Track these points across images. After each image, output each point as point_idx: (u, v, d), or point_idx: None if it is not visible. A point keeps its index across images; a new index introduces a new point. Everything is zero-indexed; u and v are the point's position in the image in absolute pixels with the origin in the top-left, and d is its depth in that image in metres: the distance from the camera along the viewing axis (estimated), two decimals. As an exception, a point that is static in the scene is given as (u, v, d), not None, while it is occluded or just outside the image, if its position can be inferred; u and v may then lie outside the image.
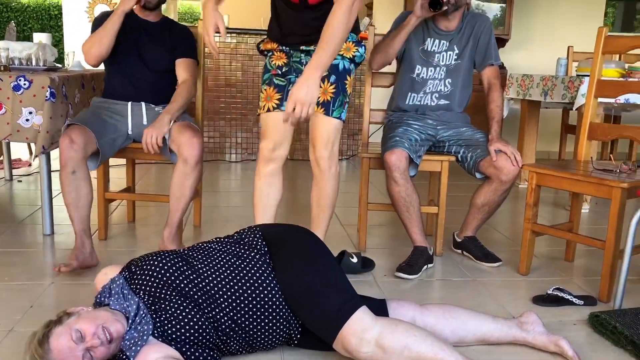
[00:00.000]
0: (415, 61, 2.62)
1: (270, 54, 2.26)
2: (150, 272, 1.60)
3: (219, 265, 1.64)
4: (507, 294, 2.24)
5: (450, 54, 2.60)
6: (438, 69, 2.61)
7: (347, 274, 1.77)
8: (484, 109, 2.61)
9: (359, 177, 2.74)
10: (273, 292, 1.61)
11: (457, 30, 2.59)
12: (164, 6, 2.76)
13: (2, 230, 2.82)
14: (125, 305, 1.54)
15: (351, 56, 2.21)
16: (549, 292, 2.17)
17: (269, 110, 2.21)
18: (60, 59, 4.41)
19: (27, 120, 2.59)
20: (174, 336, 1.51)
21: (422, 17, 2.48)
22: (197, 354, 1.52)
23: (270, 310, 1.61)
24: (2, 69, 2.76)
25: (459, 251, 2.71)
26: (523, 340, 1.78)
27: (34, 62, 2.94)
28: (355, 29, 2.16)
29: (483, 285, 2.33)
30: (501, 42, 5.10)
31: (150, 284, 1.58)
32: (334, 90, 2.15)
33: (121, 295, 1.57)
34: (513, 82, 3.97)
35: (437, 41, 2.60)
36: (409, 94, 2.66)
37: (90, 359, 1.43)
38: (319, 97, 2.05)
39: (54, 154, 2.74)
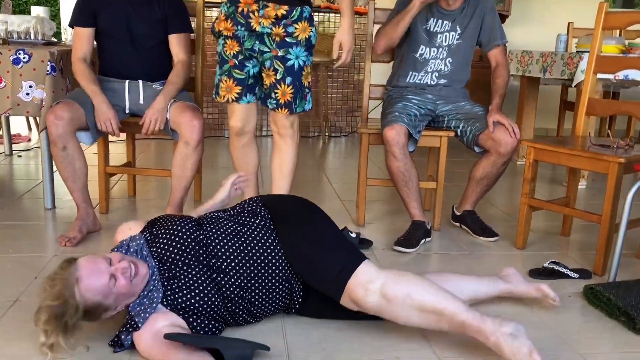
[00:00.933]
0: (419, 41, 2.60)
1: (223, 42, 2.29)
2: (171, 238, 1.63)
3: (225, 234, 1.67)
4: (504, 268, 2.27)
5: (452, 34, 2.59)
6: (440, 49, 2.60)
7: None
8: (483, 85, 2.62)
9: (358, 154, 2.75)
10: (277, 256, 1.65)
11: (459, 9, 2.57)
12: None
13: (3, 204, 2.84)
14: None
15: (307, 36, 2.24)
16: (545, 265, 2.20)
17: (228, 101, 2.33)
18: (56, 33, 4.37)
19: (28, 94, 2.59)
20: (183, 305, 1.54)
21: (426, 2, 2.45)
22: (203, 324, 1.56)
23: (273, 274, 1.64)
24: (1, 42, 2.76)
25: (457, 224, 2.75)
26: (508, 291, 1.88)
27: (32, 36, 2.93)
28: (308, 2, 2.25)
29: (480, 259, 2.37)
30: (501, 18, 5.02)
31: (169, 249, 1.61)
32: (292, 90, 2.25)
33: (138, 256, 1.61)
34: (513, 58, 3.97)
35: (439, 21, 2.58)
36: (411, 72, 2.66)
37: (113, 285, 1.47)
38: (279, 99, 2.27)
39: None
